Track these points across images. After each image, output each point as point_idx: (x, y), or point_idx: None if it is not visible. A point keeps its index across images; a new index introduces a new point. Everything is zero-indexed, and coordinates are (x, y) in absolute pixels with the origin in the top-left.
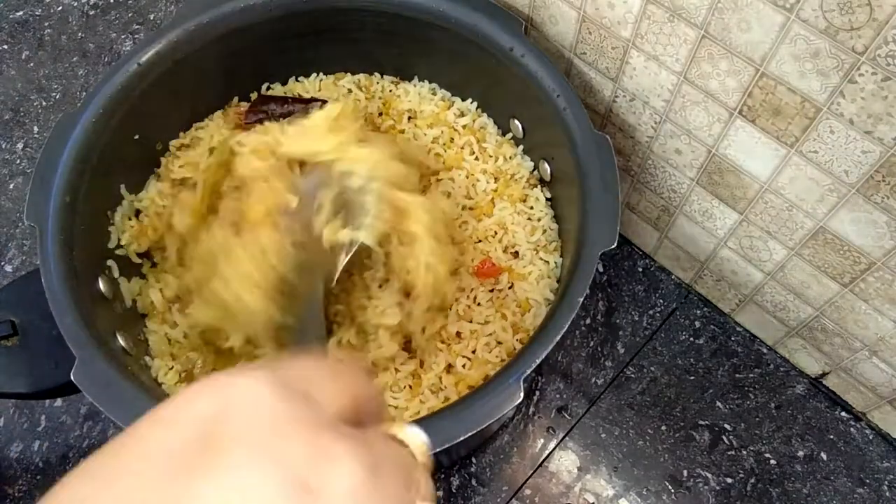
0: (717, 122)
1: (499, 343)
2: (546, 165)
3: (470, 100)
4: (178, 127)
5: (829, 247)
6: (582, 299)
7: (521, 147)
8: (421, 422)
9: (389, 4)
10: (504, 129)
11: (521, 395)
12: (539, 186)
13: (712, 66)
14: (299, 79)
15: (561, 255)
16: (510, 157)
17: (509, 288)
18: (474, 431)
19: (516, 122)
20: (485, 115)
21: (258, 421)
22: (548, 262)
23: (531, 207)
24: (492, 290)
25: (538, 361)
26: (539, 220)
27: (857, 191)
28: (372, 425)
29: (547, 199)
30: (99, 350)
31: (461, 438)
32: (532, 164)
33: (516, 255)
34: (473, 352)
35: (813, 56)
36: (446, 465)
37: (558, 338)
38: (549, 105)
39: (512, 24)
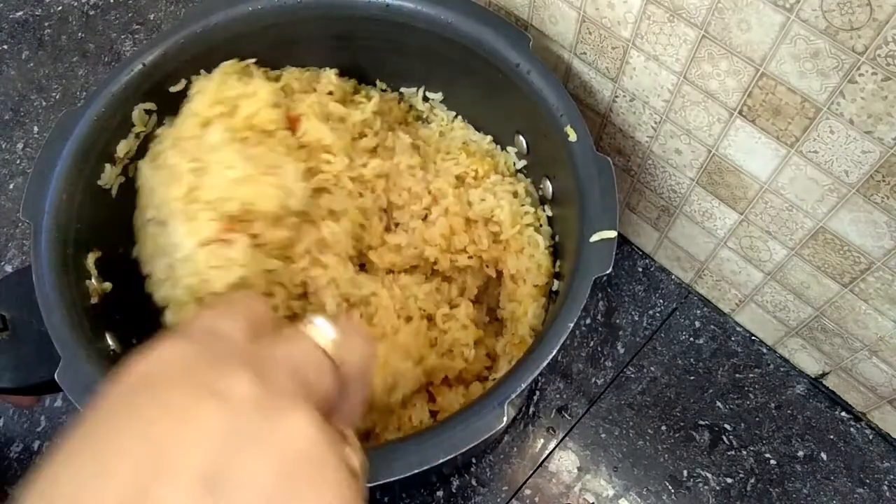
0: (717, 122)
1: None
2: (548, 183)
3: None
4: None
5: (829, 247)
6: (573, 324)
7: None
8: (402, 443)
9: (399, 14)
10: (508, 145)
11: (505, 419)
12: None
13: (712, 66)
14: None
15: (557, 277)
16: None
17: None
18: (454, 455)
19: (521, 137)
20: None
21: (175, 366)
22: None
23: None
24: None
25: (524, 386)
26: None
27: (857, 191)
28: (270, 335)
29: (548, 217)
30: (85, 351)
31: (440, 461)
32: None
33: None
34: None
35: (813, 56)
36: (446, 474)
37: (545, 363)
38: (552, 124)
39: (519, 39)
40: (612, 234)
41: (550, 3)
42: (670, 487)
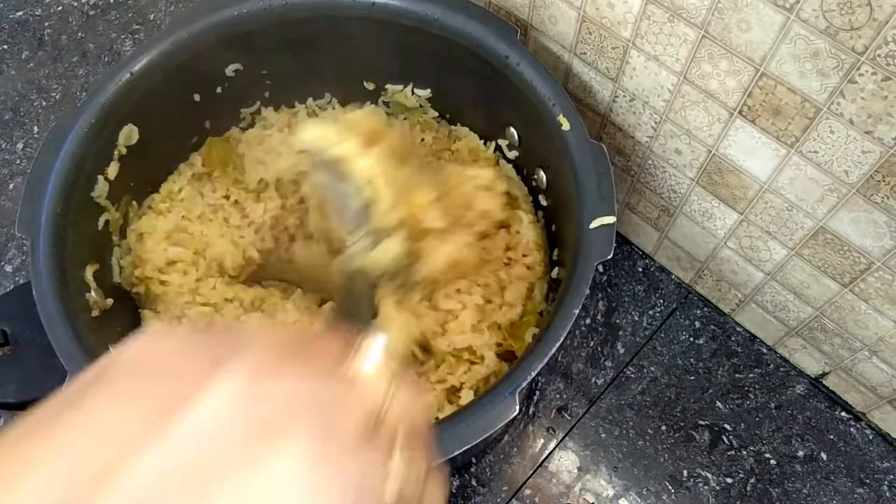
0: (717, 122)
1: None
2: (542, 173)
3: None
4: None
5: (829, 247)
6: (578, 311)
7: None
8: None
9: (385, 12)
10: (499, 137)
11: (517, 408)
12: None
13: (712, 66)
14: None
15: (559, 263)
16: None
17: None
18: (468, 446)
19: (512, 129)
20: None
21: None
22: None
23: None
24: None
25: (534, 374)
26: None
27: (857, 191)
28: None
29: (543, 207)
30: (90, 363)
31: (455, 453)
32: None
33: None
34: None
35: (813, 56)
36: (447, 472)
37: (553, 350)
38: (545, 114)
39: (508, 32)
40: (612, 219)
41: (550, 3)
42: (670, 487)
